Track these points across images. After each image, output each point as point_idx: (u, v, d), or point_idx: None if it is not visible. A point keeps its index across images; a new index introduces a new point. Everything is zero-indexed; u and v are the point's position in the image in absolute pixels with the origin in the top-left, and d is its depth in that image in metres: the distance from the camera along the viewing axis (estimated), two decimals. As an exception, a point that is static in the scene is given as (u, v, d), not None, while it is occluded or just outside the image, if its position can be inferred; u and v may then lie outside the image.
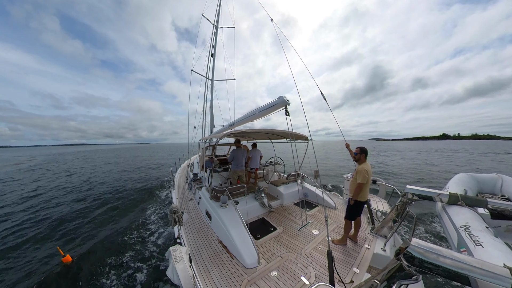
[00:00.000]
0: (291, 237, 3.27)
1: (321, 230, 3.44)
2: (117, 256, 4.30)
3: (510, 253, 1.55)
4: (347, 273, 2.44)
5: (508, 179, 3.09)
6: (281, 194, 4.73)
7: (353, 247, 2.98)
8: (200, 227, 3.58)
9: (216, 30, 9.16)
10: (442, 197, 2.56)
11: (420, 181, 11.38)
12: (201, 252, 2.86)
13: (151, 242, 4.80)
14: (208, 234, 3.34)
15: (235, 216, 3.22)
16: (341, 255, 2.79)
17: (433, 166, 17.58)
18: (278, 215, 4.10)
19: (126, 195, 9.22)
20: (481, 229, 1.88)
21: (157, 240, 4.87)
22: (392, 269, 1.38)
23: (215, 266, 2.56)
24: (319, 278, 2.35)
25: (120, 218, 6.51)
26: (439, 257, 1.19)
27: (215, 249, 2.93)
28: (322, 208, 4.34)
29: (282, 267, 2.55)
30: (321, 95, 3.15)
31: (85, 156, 38.32)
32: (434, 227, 5.54)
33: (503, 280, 1.04)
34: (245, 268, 2.52)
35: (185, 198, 4.96)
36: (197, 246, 3.02)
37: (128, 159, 30.38)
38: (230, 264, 2.59)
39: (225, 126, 5.26)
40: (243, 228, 2.98)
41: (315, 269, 2.51)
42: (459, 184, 3.05)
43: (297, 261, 2.66)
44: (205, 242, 3.11)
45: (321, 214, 4.12)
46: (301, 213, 3.98)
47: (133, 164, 22.59)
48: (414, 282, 1.26)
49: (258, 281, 2.32)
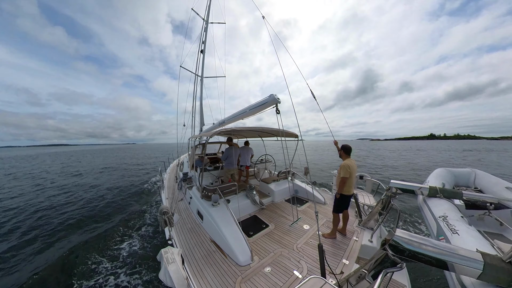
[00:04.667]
0: (283, 233, 3.33)
1: (312, 225, 3.54)
2: (106, 261, 4.12)
3: (482, 239, 1.70)
4: (338, 265, 2.54)
5: (481, 173, 3.38)
6: (272, 191, 4.78)
7: (342, 239, 3.11)
8: (192, 227, 3.53)
9: (206, 26, 8.95)
10: (423, 190, 2.74)
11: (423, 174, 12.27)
12: (193, 253, 2.82)
13: (140, 246, 4.65)
14: (200, 234, 3.30)
15: (227, 215, 3.21)
16: (332, 248, 2.90)
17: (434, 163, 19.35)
18: (270, 212, 4.15)
19: (109, 200, 8.49)
20: (457, 219, 2.04)
21: (146, 244, 4.73)
22: (378, 258, 1.47)
23: (209, 266, 2.55)
24: (311, 271, 2.43)
25: (103, 224, 6.09)
26: (420, 245, 1.29)
27: (207, 248, 2.91)
28: (312, 203, 4.46)
29: (275, 263, 2.59)
30: (312, 95, 3.22)
31: (65, 160, 33.54)
32: (416, 219, 5.92)
33: (477, 263, 1.16)
34: (239, 266, 2.53)
35: (175, 199, 4.85)
36: (189, 246, 2.98)
37: (112, 159, 28.86)
38: (224, 263, 2.59)
39: (215, 124, 5.20)
40: (235, 226, 2.99)
41: (307, 262, 2.59)
42: (437, 178, 3.28)
43: (289, 256, 2.73)
44: (197, 242, 3.07)
45: (312, 209, 4.23)
46: (292, 209, 4.06)
47: (119, 164, 21.54)
48: (399, 269, 1.36)
49: (252, 277, 2.35)
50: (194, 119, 8.61)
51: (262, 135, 5.93)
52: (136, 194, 9.20)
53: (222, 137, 5.48)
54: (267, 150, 6.74)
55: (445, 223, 2.02)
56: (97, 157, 35.13)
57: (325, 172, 14.47)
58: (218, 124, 4.68)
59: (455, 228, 1.89)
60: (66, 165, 23.24)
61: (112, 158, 28.83)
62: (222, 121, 4.34)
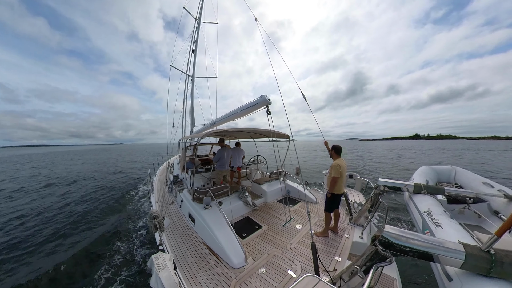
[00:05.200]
0: (276, 233, 3.34)
1: (304, 224, 3.57)
2: (92, 270, 3.91)
3: (463, 231, 1.81)
4: (330, 262, 2.59)
5: (460, 170, 3.60)
6: (265, 192, 4.79)
7: (334, 237, 3.17)
8: (183, 231, 3.44)
9: (198, 25, 8.80)
10: (409, 188, 2.87)
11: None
12: (186, 257, 2.75)
13: (128, 253, 4.44)
14: (192, 237, 3.23)
15: (220, 217, 3.17)
16: (324, 246, 2.94)
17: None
18: (263, 213, 4.15)
19: (90, 206, 7.88)
20: (440, 213, 2.16)
21: (135, 251, 4.52)
22: (369, 254, 1.51)
23: (202, 270, 2.50)
24: (305, 270, 2.45)
25: (87, 233, 5.65)
26: (408, 240, 1.35)
27: (200, 252, 2.85)
28: (304, 203, 4.51)
29: (270, 264, 2.59)
30: (303, 96, 3.28)
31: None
32: (403, 214, 6.19)
33: (459, 253, 1.24)
34: (233, 268, 2.50)
35: (165, 202, 4.71)
36: (182, 251, 2.90)
37: (96, 160, 27.05)
38: (217, 266, 2.55)
39: (206, 125, 5.13)
40: (228, 229, 2.95)
41: (300, 262, 2.61)
42: (422, 176, 3.45)
43: (283, 256, 2.73)
44: (189, 246, 3.00)
45: (304, 209, 4.28)
46: (285, 210, 4.08)
47: (103, 166, 20.28)
48: (389, 263, 1.41)
49: (247, 280, 2.33)
50: (185, 119, 8.41)
51: (253, 136, 5.93)
52: (118, 202, 8.52)
53: (214, 138, 5.41)
54: (259, 151, 6.75)
55: (430, 218, 2.13)
56: (77, 159, 32.00)
57: (314, 171, 14.74)
58: (209, 125, 4.62)
59: (439, 222, 1.99)
60: (38, 168, 21.17)
61: (90, 164, 24.07)
62: (213, 122, 4.29)
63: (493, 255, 1.19)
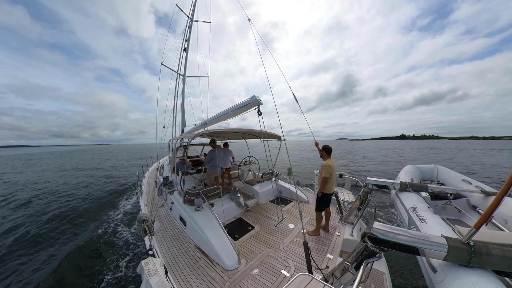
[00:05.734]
0: (269, 234, 3.34)
1: (297, 224, 3.61)
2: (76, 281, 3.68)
3: (445, 225, 1.91)
4: (323, 260, 2.64)
5: (442, 168, 3.82)
6: (257, 193, 4.79)
7: (325, 236, 3.23)
8: (174, 235, 3.35)
9: (191, 23, 8.59)
10: (395, 186, 3.00)
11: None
12: (177, 261, 2.68)
13: (115, 261, 4.24)
14: (184, 241, 3.15)
15: (211, 219, 3.13)
16: (316, 245, 2.99)
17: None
18: (255, 214, 4.14)
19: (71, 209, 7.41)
20: (424, 209, 2.26)
21: (122, 259, 4.33)
22: (359, 250, 1.56)
23: (194, 274, 2.44)
24: (298, 268, 2.48)
25: (68, 241, 5.29)
26: (395, 235, 1.41)
27: (192, 255, 2.79)
28: (296, 203, 4.56)
29: (263, 264, 2.59)
30: (294, 97, 3.33)
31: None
32: (390, 211, 6.44)
33: (442, 246, 1.31)
34: (226, 270, 2.47)
35: (155, 205, 4.56)
36: (173, 255, 2.83)
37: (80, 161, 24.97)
38: (210, 269, 2.51)
39: (197, 125, 5.04)
40: (220, 230, 2.92)
41: (293, 261, 2.63)
42: (407, 174, 3.61)
43: (276, 256, 2.74)
44: (181, 250, 2.93)
45: (296, 208, 4.32)
46: (277, 210, 4.11)
47: (86, 168, 19.04)
48: (378, 259, 1.46)
49: (241, 281, 2.31)
50: (175, 119, 8.20)
51: (245, 136, 5.92)
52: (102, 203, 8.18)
53: (205, 139, 5.33)
54: (250, 152, 6.74)
55: (415, 214, 2.23)
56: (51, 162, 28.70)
57: (304, 170, 14.93)
58: (200, 125, 4.55)
59: (423, 217, 2.09)
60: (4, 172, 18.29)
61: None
62: (204, 122, 4.24)
63: (473, 247, 1.27)
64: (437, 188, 3.00)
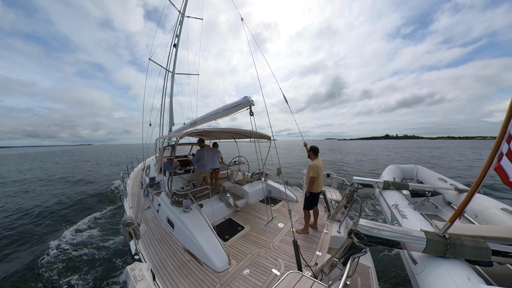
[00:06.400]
0: (259, 233, 3.35)
1: (286, 223, 3.66)
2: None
3: (424, 221, 2.05)
4: (312, 257, 2.70)
5: (421, 168, 4.08)
6: (246, 193, 4.78)
7: (314, 233, 3.31)
8: (162, 238, 3.24)
9: (182, 19, 8.29)
10: (379, 184, 3.16)
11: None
12: (165, 265, 2.60)
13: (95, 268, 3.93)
14: (172, 243, 3.06)
15: (200, 220, 3.07)
16: (305, 243, 3.05)
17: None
18: (245, 214, 4.13)
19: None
20: (405, 206, 2.41)
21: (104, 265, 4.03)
22: (346, 247, 1.62)
23: (184, 277, 2.38)
24: (288, 267, 2.51)
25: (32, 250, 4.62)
26: (379, 231, 1.50)
27: (181, 258, 2.72)
28: (286, 202, 4.62)
29: (253, 264, 2.59)
30: (284, 98, 3.38)
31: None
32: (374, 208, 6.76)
33: (421, 240, 1.42)
34: (216, 272, 2.44)
35: (140, 207, 4.38)
36: (160, 259, 2.73)
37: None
38: (200, 272, 2.46)
39: (186, 124, 4.92)
40: (209, 232, 2.87)
41: (284, 259, 2.66)
42: (389, 174, 3.81)
43: (266, 255, 2.76)
44: (169, 253, 2.84)
45: (285, 208, 4.38)
46: (267, 209, 4.13)
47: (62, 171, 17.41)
48: (364, 254, 1.55)
49: (231, 282, 2.29)
50: (163, 117, 7.90)
51: (235, 136, 5.88)
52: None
53: (194, 138, 5.22)
54: (240, 151, 6.71)
55: (397, 210, 2.36)
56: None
57: (293, 170, 15.19)
58: (190, 124, 4.45)
59: (404, 214, 2.22)
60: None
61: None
62: (194, 121, 4.14)
63: (448, 239, 1.38)
64: (416, 186, 3.22)
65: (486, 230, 1.76)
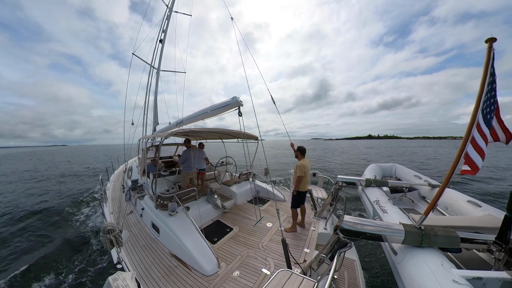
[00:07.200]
0: (247, 234, 3.35)
1: (274, 222, 3.70)
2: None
3: (402, 214, 2.21)
4: (300, 255, 2.76)
5: (399, 166, 4.39)
6: (234, 194, 4.75)
7: (302, 231, 3.39)
8: (146, 244, 3.09)
9: (169, 13, 7.92)
10: (361, 182, 3.33)
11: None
12: (151, 273, 2.48)
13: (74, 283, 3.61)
14: (157, 249, 2.93)
15: (187, 223, 2.99)
16: (294, 240, 3.11)
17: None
18: (233, 215, 4.10)
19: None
20: (385, 201, 2.56)
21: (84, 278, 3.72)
22: (333, 242, 1.70)
23: (172, 284, 2.29)
24: (278, 265, 2.54)
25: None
26: (363, 226, 1.59)
27: (167, 264, 2.61)
28: (273, 202, 4.67)
29: (243, 265, 2.58)
30: (271, 99, 3.42)
31: None
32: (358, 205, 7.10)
33: (400, 232, 1.54)
34: (205, 276, 2.39)
35: (122, 212, 4.13)
36: (145, 266, 2.60)
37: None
38: (188, 277, 2.39)
39: (172, 124, 4.74)
40: (197, 235, 2.81)
41: (273, 258, 2.69)
42: (371, 172, 4.03)
43: (256, 255, 2.77)
44: (154, 260, 2.71)
45: (273, 207, 4.42)
46: (255, 210, 4.13)
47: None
48: (349, 248, 1.64)
49: (222, 285, 2.26)
50: (146, 116, 7.50)
51: (222, 136, 5.80)
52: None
53: (179, 138, 5.04)
54: (227, 152, 6.64)
55: (378, 206, 2.51)
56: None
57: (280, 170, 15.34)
58: (175, 124, 4.29)
59: (385, 209, 2.37)
60: None
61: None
62: (180, 121, 4.01)
63: (423, 230, 1.51)
64: (395, 183, 3.46)
65: (455, 220, 1.95)
